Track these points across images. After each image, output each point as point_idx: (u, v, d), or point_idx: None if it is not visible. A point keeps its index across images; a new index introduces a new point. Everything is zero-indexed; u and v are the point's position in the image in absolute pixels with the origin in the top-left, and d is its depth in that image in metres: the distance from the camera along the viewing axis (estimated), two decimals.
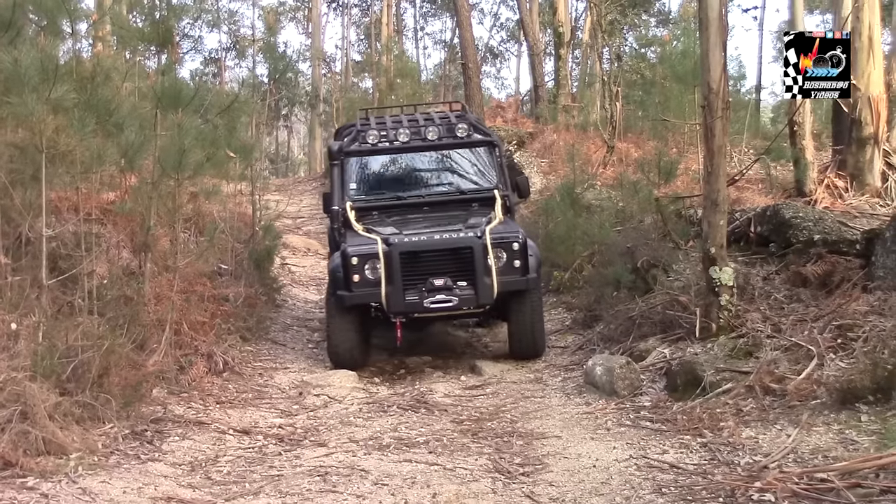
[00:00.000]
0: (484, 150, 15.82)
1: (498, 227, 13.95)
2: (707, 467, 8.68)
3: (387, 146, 15.76)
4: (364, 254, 13.59)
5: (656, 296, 13.70)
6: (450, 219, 14.57)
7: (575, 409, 11.17)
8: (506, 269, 13.54)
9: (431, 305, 13.47)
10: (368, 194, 15.63)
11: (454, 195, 15.54)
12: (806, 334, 11.43)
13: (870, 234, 13.10)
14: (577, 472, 8.80)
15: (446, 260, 13.66)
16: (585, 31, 32.76)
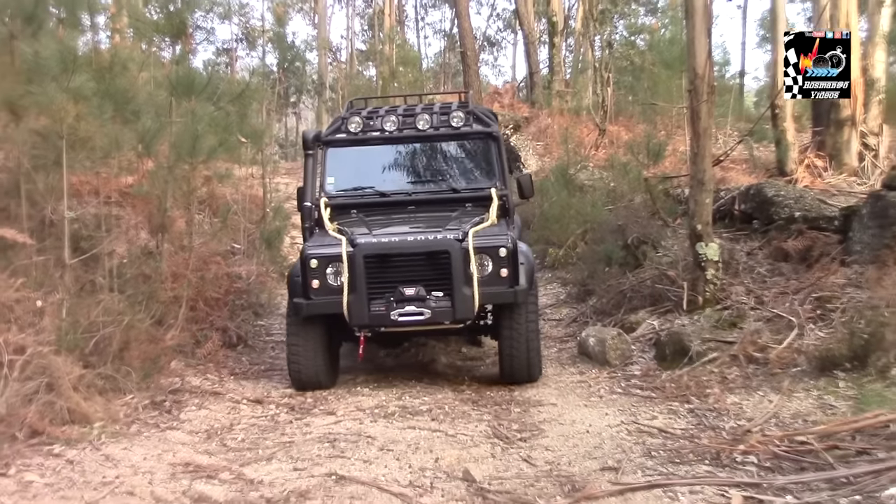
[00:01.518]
0: (482, 144, 12.64)
1: (486, 230, 11.04)
2: (694, 431, 8.74)
3: (371, 136, 12.65)
4: (324, 255, 10.83)
5: (646, 271, 13.75)
6: (436, 220, 11.55)
7: (569, 377, 11.22)
8: (491, 279, 10.71)
9: (400, 318, 10.65)
10: (348, 190, 12.55)
11: (446, 194, 12.44)
12: (787, 306, 11.50)
13: (847, 210, 13.16)
14: (571, 437, 8.84)
15: (420, 266, 10.83)
16: (578, 20, 32.66)
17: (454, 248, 10.57)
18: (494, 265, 10.68)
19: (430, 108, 13.10)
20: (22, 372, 8.23)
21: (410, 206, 12.23)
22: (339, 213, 11.92)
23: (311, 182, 11.94)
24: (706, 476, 7.53)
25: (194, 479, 7.54)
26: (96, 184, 11.77)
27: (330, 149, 12.50)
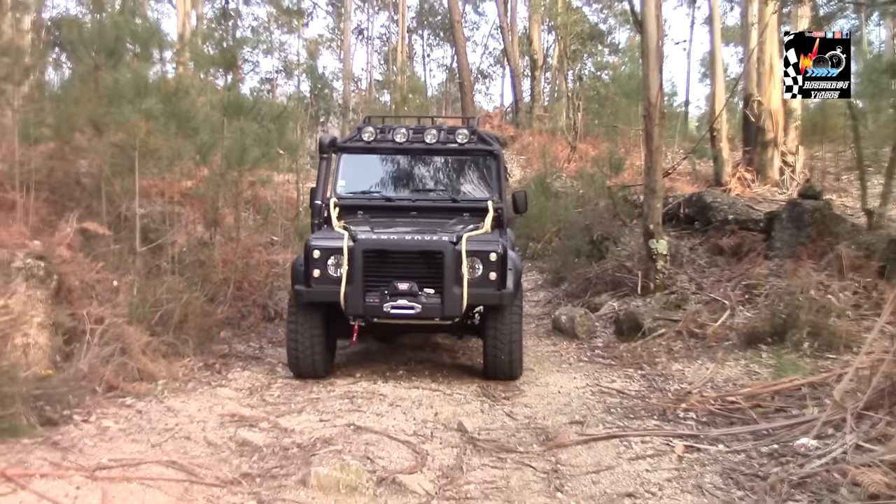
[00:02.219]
0: (483, 161, 11.20)
1: (479, 237, 9.83)
2: (645, 393, 8.77)
3: (381, 145, 11.21)
4: (326, 248, 9.63)
5: (608, 262, 13.72)
6: (434, 224, 10.26)
7: (545, 348, 11.22)
8: (480, 281, 9.48)
9: (392, 311, 9.45)
10: (357, 193, 11.12)
11: (446, 202, 10.99)
12: (721, 291, 11.53)
13: (770, 215, 13.20)
14: (545, 396, 8.88)
15: (415, 263, 9.58)
16: (554, 58, 32.55)
17: (447, 249, 9.33)
18: (484, 268, 9.41)
19: (439, 126, 11.67)
20: (101, 338, 8.24)
21: (413, 211, 10.73)
22: (346, 213, 10.58)
23: (323, 183, 10.65)
24: (654, 429, 7.56)
25: (239, 427, 7.54)
26: (162, 187, 11.77)
27: (344, 154, 11.14)
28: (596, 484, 6.42)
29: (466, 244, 9.35)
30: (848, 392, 6.94)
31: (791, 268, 11.24)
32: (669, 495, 6.09)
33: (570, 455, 7.09)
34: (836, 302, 10.08)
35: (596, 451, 7.12)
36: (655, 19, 12.90)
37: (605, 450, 7.13)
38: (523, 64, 31.88)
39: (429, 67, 45.28)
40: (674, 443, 7.10)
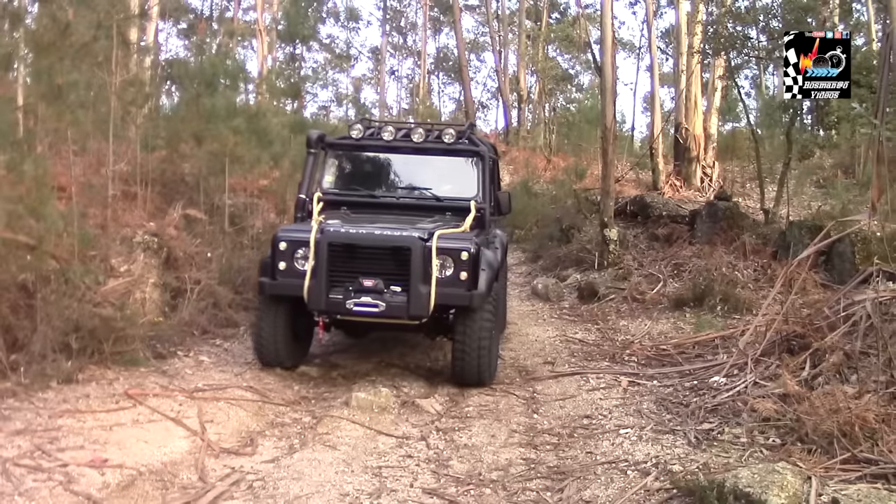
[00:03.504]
0: (469, 161, 8.68)
1: (453, 234, 7.41)
2: (599, 341, 8.75)
3: (369, 143, 8.78)
4: (294, 240, 7.31)
5: (573, 245, 13.65)
6: (411, 220, 7.75)
7: (525, 308, 11.17)
8: (449, 281, 7.10)
9: (355, 308, 7.04)
10: (342, 189, 8.67)
11: (430, 201, 8.51)
12: (657, 268, 11.48)
13: (693, 212, 13.15)
14: (525, 343, 8.85)
15: (382, 259, 7.18)
16: (536, 94, 32.40)
17: (416, 245, 6.86)
18: (455, 268, 6.96)
19: (427, 126, 9.26)
20: (198, 295, 8.21)
21: (396, 208, 8.23)
22: (330, 208, 8.12)
23: (308, 178, 8.31)
24: (606, 368, 7.56)
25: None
26: (245, 184, 11.72)
27: (331, 150, 8.65)
28: (562, 408, 6.43)
29: (437, 241, 6.88)
30: (749, 343, 6.92)
31: (708, 251, 11.21)
32: (617, 417, 6.08)
33: (543, 387, 7.09)
34: (740, 277, 10.10)
35: (563, 384, 7.12)
36: (611, 67, 12.87)
37: (570, 383, 7.14)
38: (513, 98, 31.67)
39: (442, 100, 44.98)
40: (620, 379, 7.10)
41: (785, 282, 7.39)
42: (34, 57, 10.42)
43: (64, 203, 7.85)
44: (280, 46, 27.83)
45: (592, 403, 6.48)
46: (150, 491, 4.54)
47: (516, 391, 6.94)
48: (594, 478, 4.90)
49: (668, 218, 13.59)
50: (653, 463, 4.98)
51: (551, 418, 6.19)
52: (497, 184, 9.48)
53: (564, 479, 4.91)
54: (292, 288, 6.91)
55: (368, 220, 7.36)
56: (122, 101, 9.82)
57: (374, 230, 6.95)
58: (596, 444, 5.52)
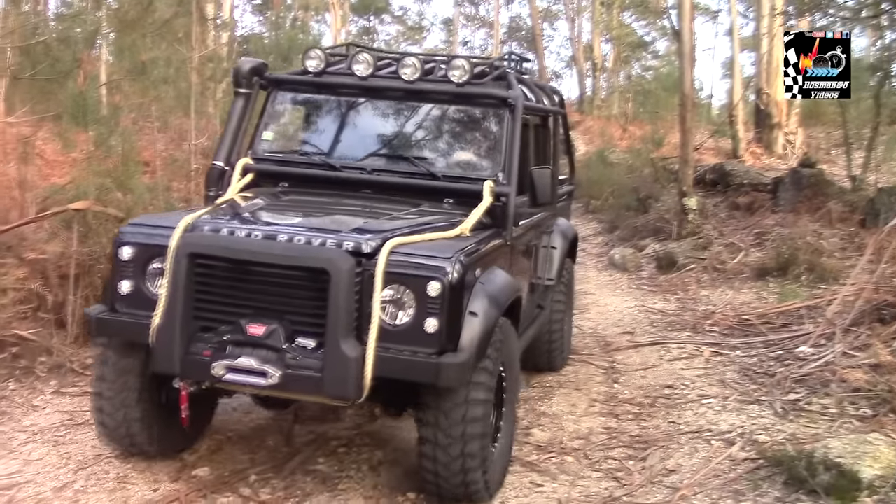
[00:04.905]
0: (490, 114, 4.99)
1: (423, 244, 3.90)
2: (679, 312, 8.62)
3: (332, 80, 5.16)
4: (145, 244, 4.03)
5: (650, 214, 13.46)
6: (379, 213, 4.42)
7: (603, 278, 11.05)
8: (406, 333, 3.71)
9: (227, 376, 3.75)
10: (286, 153, 5.30)
11: (420, 178, 4.84)
12: (738, 237, 11.26)
13: (776, 179, 12.87)
14: (604, 313, 8.77)
15: (282, 289, 3.82)
16: (611, 62, 31.87)
17: (338, 266, 3.67)
18: (419, 308, 3.74)
19: (428, 57, 5.85)
20: None
21: (367, 188, 4.86)
22: (262, 183, 5.01)
23: (233, 135, 5.10)
24: (687, 338, 7.47)
25: None
26: None
27: (276, 91, 5.28)
28: (643, 378, 6.39)
29: (387, 258, 3.74)
30: (837, 313, 6.74)
31: (792, 219, 10.97)
32: (699, 387, 6.03)
33: (623, 356, 7.05)
34: (826, 245, 9.84)
35: (643, 354, 7.07)
36: (689, 31, 12.59)
37: (650, 353, 7.08)
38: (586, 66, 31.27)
39: None
40: (702, 349, 7.02)
41: (875, 250, 7.18)
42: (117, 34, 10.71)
43: (149, 177, 8.09)
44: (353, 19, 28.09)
45: (674, 373, 6.43)
46: None
47: (596, 361, 6.91)
48: (677, 447, 4.89)
49: (750, 186, 13.31)
50: (738, 433, 4.93)
51: (632, 388, 6.16)
52: (569, 151, 7.26)
53: (647, 448, 4.90)
54: (135, 329, 3.95)
55: (298, 211, 4.38)
56: (201, 76, 10.02)
57: (280, 234, 3.86)
58: (678, 414, 5.50)
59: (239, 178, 4.90)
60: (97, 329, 4.16)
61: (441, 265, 3.71)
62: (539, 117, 5.82)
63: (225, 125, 5.25)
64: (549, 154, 6.06)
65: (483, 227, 4.41)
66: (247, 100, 5.18)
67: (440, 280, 3.66)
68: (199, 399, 4.23)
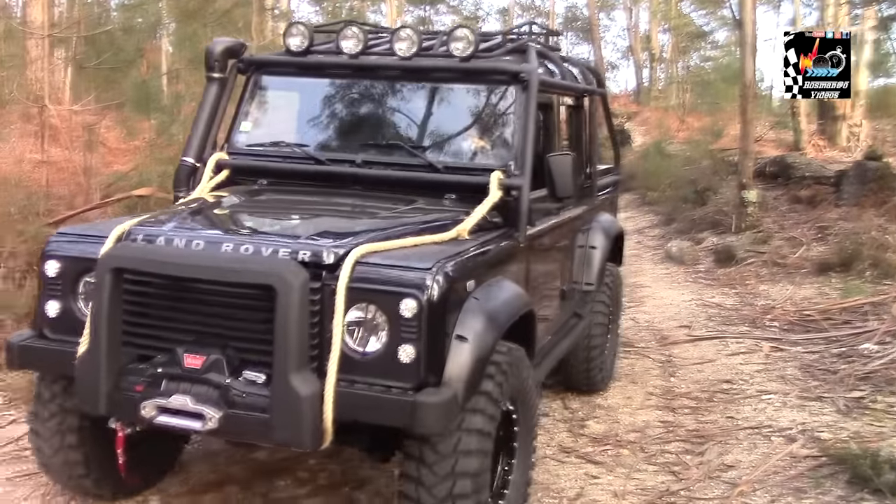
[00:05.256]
0: (501, 94, 4.13)
1: (399, 252, 3.12)
2: (738, 306, 8.47)
3: (317, 61, 4.35)
4: (72, 257, 3.31)
5: (708, 207, 13.29)
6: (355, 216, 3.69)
7: (659, 271, 10.93)
8: (376, 363, 2.92)
9: (158, 418, 2.97)
10: (265, 146, 4.37)
11: (417, 171, 4.01)
12: (799, 231, 11.05)
13: (839, 172, 12.62)
14: (660, 306, 8.67)
15: (223, 309, 3.04)
16: (668, 52, 31.52)
17: (287, 282, 2.85)
18: (390, 333, 2.92)
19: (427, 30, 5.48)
20: None
21: (357, 183, 4.08)
22: (239, 181, 4.30)
23: (205, 125, 4.46)
24: (746, 333, 7.35)
25: None
26: None
27: (256, 75, 4.55)
28: (701, 372, 6.31)
29: (354, 270, 2.98)
30: None
31: (856, 213, 10.77)
32: (759, 382, 5.94)
33: (680, 350, 6.96)
34: (892, 241, 9.62)
35: (700, 349, 6.98)
36: (751, 20, 12.36)
37: (708, 347, 6.99)
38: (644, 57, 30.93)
39: None
40: (761, 344, 6.91)
41: None
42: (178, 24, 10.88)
43: None
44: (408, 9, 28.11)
45: (732, 368, 6.34)
46: None
47: (652, 354, 6.84)
48: (736, 442, 4.83)
49: (812, 179, 13.05)
50: (799, 429, 4.85)
51: (689, 382, 6.09)
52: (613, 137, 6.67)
53: (704, 442, 4.84)
54: (60, 360, 3.24)
55: (264, 213, 3.89)
56: None
57: (225, 243, 3.15)
58: (737, 409, 5.42)
59: (211, 176, 4.20)
60: (20, 359, 3.42)
61: (418, 278, 2.94)
62: (571, 98, 5.14)
63: (196, 116, 4.53)
64: (583, 140, 5.27)
65: (490, 227, 3.73)
66: (221, 86, 4.49)
67: (416, 297, 2.90)
68: (151, 438, 3.54)
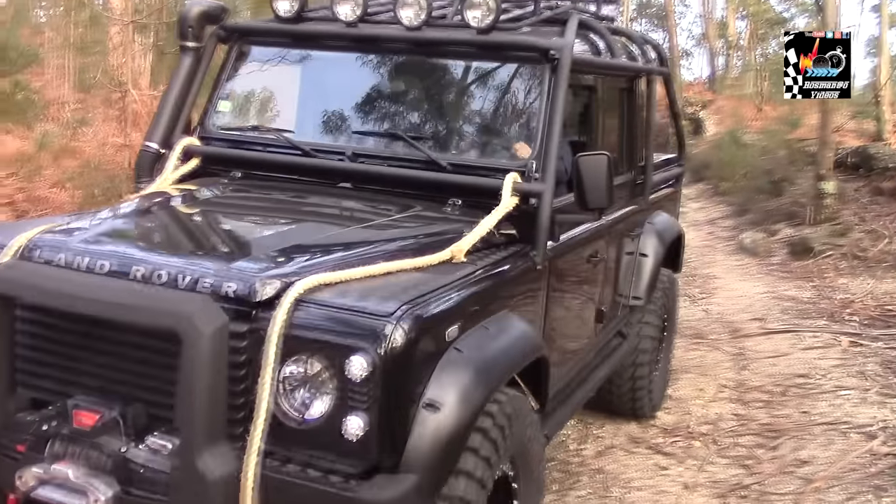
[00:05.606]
0: (525, 75, 3.34)
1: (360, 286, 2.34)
2: (815, 300, 8.22)
3: (308, 29, 3.55)
4: None
5: (784, 198, 12.97)
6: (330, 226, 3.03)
7: (732, 262, 10.69)
8: (317, 435, 2.17)
9: (37, 490, 2.26)
10: (244, 129, 3.65)
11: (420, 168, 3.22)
12: (881, 223, 10.70)
13: None
14: (733, 298, 8.47)
15: (126, 355, 2.32)
16: (745, 39, 30.85)
17: (194, 327, 2.13)
18: (335, 397, 2.17)
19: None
20: None
21: (347, 180, 3.31)
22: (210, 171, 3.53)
23: (174, 105, 3.69)
24: (824, 327, 7.15)
25: None
26: None
27: (240, 45, 3.74)
28: (774, 366, 6.17)
29: (292, 311, 2.21)
30: None
31: None
32: (836, 377, 5.79)
33: (752, 343, 6.81)
34: None
35: (774, 342, 6.81)
36: (833, 6, 12.02)
37: (782, 341, 6.82)
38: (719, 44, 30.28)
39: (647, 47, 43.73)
40: (840, 338, 6.71)
41: None
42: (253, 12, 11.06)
43: None
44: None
45: (808, 362, 6.18)
46: None
47: (723, 346, 6.70)
48: (811, 438, 4.72)
49: (894, 170, 12.65)
50: (879, 426, 4.72)
51: (762, 375, 5.96)
52: (676, 124, 5.76)
53: (778, 437, 4.75)
54: None
55: (210, 221, 3.15)
56: None
57: (135, 262, 2.47)
58: (812, 404, 5.29)
59: (177, 164, 3.49)
60: None
61: (372, 327, 2.17)
62: (623, 79, 4.36)
63: (164, 93, 3.80)
64: (636, 129, 4.46)
65: (500, 244, 3.02)
66: (196, 58, 3.74)
67: (367, 353, 2.12)
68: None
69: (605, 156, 3.11)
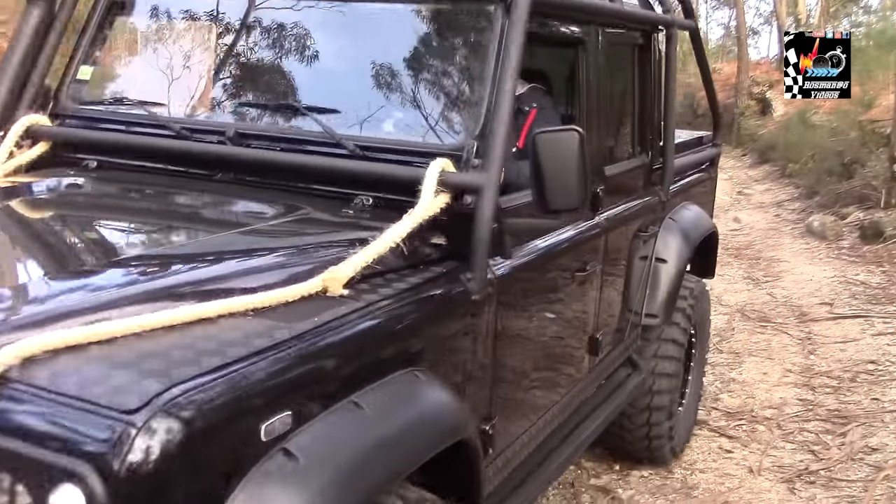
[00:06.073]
0: (471, 26, 2.34)
1: (129, 352, 1.36)
2: (885, 285, 8.01)
3: None
4: None
5: (855, 181, 12.64)
6: (162, 241, 2.15)
7: (799, 246, 10.48)
8: None
9: None
10: (106, 103, 2.70)
11: (320, 151, 2.27)
12: None
13: None
14: (799, 282, 8.32)
15: None
16: (816, 17, 30.04)
17: None
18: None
19: None
20: None
21: (229, 169, 2.40)
22: (63, 158, 2.59)
23: (15, 70, 2.62)
24: (894, 313, 6.97)
25: None
26: None
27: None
28: (843, 351, 6.06)
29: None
30: None
31: None
32: None
33: (820, 328, 6.68)
34: None
35: (843, 327, 6.67)
36: None
37: (851, 326, 6.68)
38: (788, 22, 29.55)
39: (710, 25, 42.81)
40: None
41: None
42: None
43: None
44: None
45: (878, 348, 6.04)
46: None
47: (790, 330, 6.59)
48: (881, 425, 4.64)
49: None
50: None
51: (830, 360, 5.85)
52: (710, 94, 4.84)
53: (847, 423, 4.68)
54: None
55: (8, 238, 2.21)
56: None
57: None
58: (883, 391, 5.19)
59: (12, 151, 2.60)
60: None
61: (101, 431, 1.26)
62: (631, 34, 3.46)
63: (5, 54, 2.82)
64: (647, 99, 3.60)
65: (421, 263, 2.12)
66: (47, 10, 2.79)
67: (84, 480, 1.22)
68: None
69: (575, 132, 2.23)
